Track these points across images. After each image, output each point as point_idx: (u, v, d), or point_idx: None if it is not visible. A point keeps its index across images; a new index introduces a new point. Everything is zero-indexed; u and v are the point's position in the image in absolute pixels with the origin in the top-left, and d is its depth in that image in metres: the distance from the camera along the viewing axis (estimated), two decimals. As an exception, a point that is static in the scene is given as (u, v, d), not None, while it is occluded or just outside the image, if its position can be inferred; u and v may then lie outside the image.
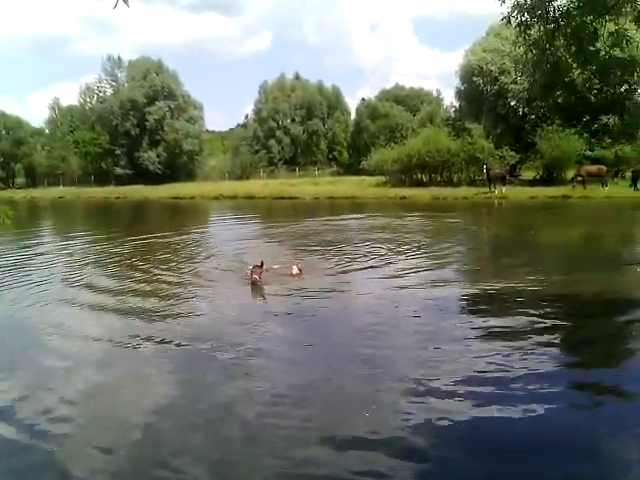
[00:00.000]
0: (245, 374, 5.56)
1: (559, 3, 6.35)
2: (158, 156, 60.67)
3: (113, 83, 66.21)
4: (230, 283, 9.59)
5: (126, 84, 64.21)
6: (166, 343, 6.52)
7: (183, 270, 11.05)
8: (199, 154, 64.50)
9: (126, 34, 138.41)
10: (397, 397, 4.90)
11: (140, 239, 16.55)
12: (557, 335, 6.56)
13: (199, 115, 65.25)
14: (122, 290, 9.46)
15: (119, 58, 66.20)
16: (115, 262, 12.58)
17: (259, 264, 9.04)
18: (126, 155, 61.40)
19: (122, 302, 8.60)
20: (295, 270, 9.32)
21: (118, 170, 60.96)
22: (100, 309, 8.22)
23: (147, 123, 60.42)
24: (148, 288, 9.53)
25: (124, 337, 6.79)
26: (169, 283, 9.82)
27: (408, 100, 66.67)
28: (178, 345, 6.43)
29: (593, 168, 30.68)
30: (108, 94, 65.36)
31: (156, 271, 10.98)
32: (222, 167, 65.86)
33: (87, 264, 12.52)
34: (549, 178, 34.92)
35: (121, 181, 57.88)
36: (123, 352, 6.34)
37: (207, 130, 71.92)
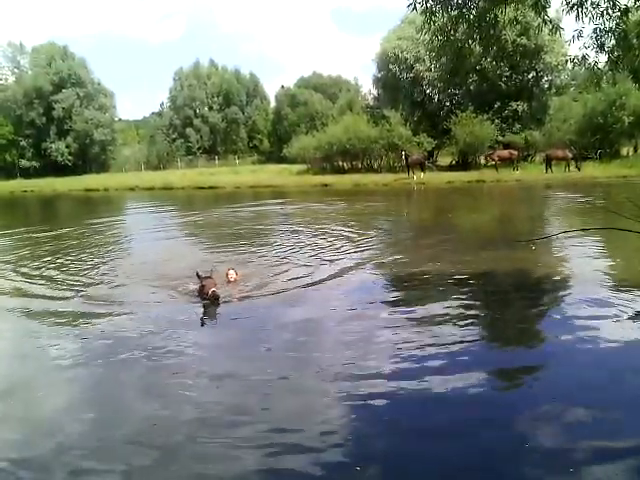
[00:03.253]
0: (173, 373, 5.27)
1: (462, -11, 6.31)
2: (67, 147, 57.28)
3: (15, 70, 61.89)
4: (147, 286, 8.61)
5: (30, 71, 60.16)
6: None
7: (93, 270, 10.21)
8: (112, 144, 61.49)
9: (28, 19, 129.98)
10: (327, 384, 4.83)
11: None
12: (475, 313, 6.72)
13: (111, 103, 62.19)
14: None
15: (21, 44, 62.01)
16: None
17: (208, 274, 7.50)
18: (32, 146, 57.52)
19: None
20: (233, 276, 8.25)
21: (24, 162, 57.05)
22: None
23: (54, 112, 56.81)
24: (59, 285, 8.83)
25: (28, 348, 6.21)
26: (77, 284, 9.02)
27: (327, 88, 66.82)
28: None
29: (505, 153, 32.01)
30: (10, 82, 60.94)
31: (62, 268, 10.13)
32: (137, 157, 63.32)
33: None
34: (464, 163, 36.08)
35: (28, 174, 54.09)
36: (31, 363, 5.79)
37: (120, 119, 68.91)
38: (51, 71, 57.60)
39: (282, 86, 69.63)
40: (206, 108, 65.90)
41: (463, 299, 7.36)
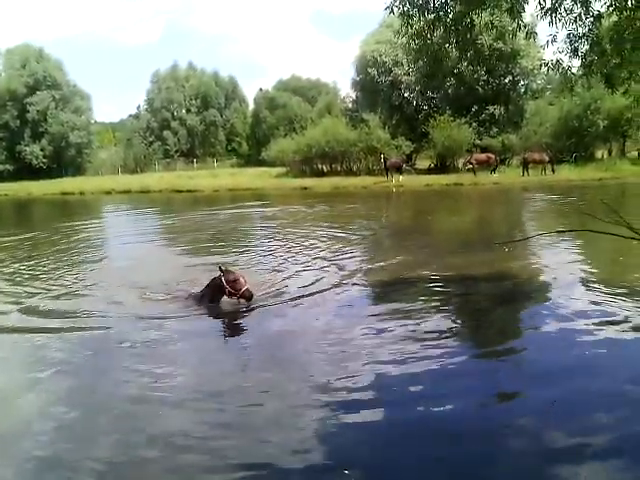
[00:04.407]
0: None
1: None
2: (42, 150, 56.22)
3: (-11, 72, 60.73)
4: (116, 295, 8.18)
5: (3, 73, 59.09)
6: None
7: (57, 277, 9.78)
8: (88, 147, 60.44)
9: (2, 21, 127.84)
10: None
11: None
12: (455, 319, 6.71)
13: (87, 106, 61.24)
14: None
15: (-6, 45, 60.86)
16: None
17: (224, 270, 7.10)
18: (6, 149, 56.32)
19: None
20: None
21: (-3, 165, 55.95)
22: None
23: (28, 114, 55.79)
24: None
25: None
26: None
27: (306, 91, 66.97)
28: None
29: (482, 156, 32.35)
30: (-17, 84, 59.75)
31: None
32: (114, 160, 62.46)
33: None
34: (443, 166, 36.38)
35: (2, 177, 52.84)
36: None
37: (96, 121, 67.99)
38: (25, 73, 56.57)
39: (261, 89, 69.70)
40: (184, 111, 65.57)
41: (444, 304, 7.36)
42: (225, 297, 7.17)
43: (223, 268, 7.17)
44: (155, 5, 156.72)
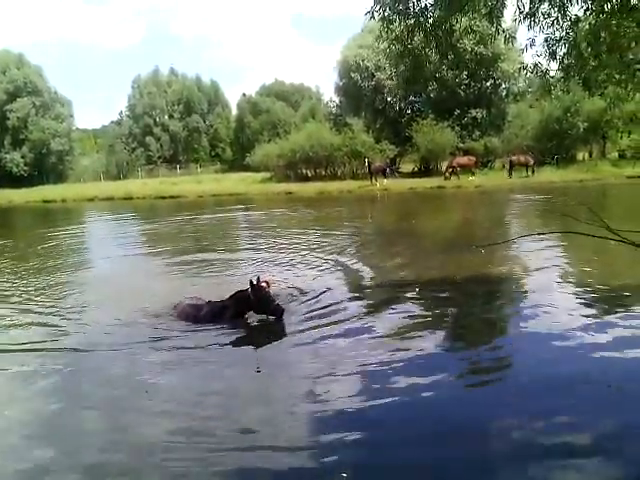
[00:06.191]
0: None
1: (418, -1, 6.39)
2: (23, 157, 55.75)
3: (-33, 79, 59.94)
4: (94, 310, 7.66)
5: (-18, 80, 58.40)
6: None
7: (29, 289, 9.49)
8: (69, 154, 59.93)
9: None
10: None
11: None
12: (439, 322, 6.68)
13: (68, 112, 60.67)
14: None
15: (-27, 52, 60.06)
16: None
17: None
18: (-15, 157, 55.75)
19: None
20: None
21: (-23, 173, 55.17)
22: None
23: (8, 122, 55.36)
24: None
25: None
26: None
27: (289, 95, 67.02)
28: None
29: (464, 159, 32.60)
30: (-38, 90, 58.98)
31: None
32: (96, 167, 61.89)
33: None
34: (426, 170, 36.64)
35: (-19, 185, 52.35)
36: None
37: (77, 128, 67.27)
38: (5, 79, 56.11)
39: (244, 94, 69.46)
40: (166, 116, 65.21)
41: (429, 307, 7.39)
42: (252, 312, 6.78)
43: (254, 281, 6.60)
44: (135, 9, 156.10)
